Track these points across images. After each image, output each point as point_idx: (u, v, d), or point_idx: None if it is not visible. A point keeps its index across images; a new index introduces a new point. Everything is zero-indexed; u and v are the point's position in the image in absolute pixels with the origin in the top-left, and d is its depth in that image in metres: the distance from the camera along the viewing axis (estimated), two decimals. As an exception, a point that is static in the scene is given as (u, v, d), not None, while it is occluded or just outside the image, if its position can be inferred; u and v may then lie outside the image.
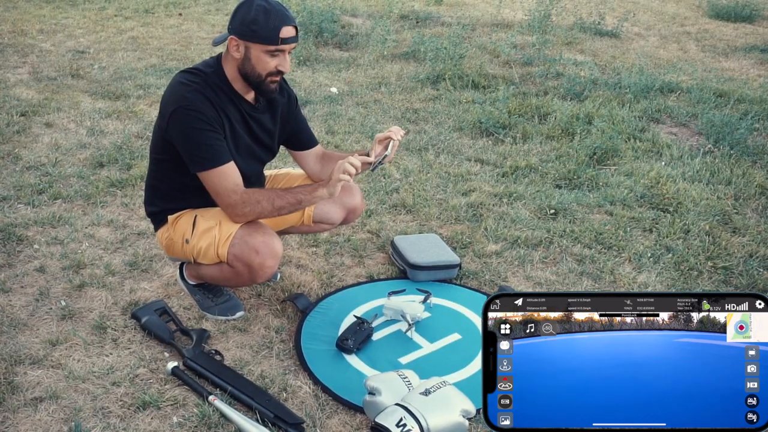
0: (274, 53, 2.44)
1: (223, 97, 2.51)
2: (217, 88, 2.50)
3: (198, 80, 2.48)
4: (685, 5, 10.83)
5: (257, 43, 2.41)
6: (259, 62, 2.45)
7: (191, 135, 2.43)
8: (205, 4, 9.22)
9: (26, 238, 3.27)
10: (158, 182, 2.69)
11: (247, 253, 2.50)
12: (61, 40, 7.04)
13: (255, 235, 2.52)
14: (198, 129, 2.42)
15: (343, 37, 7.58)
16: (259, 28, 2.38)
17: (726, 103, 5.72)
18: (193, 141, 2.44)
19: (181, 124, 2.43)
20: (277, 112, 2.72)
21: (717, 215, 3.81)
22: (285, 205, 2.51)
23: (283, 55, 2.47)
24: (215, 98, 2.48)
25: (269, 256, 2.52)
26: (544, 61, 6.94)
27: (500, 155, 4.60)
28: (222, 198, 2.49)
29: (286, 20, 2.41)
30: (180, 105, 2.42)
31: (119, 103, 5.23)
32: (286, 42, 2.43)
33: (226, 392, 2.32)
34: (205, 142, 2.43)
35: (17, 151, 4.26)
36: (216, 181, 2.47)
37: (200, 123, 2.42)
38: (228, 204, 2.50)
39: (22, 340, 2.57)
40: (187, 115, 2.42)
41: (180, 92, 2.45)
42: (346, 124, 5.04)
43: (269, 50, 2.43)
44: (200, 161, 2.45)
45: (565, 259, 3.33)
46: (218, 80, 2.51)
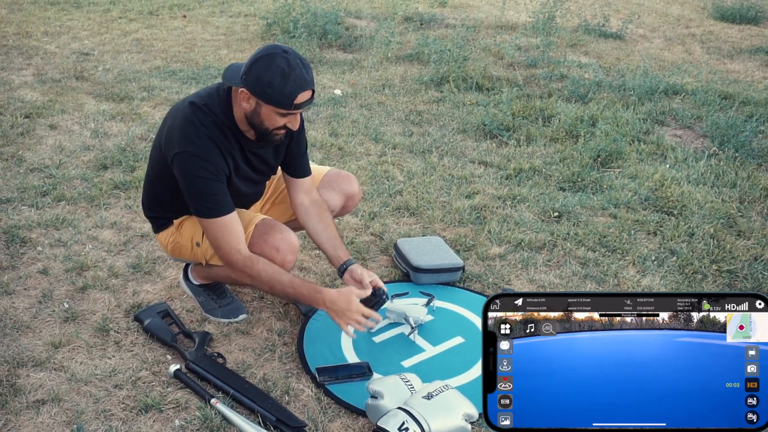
0: (285, 115, 2.39)
1: (231, 138, 2.47)
2: (226, 129, 2.45)
3: (208, 122, 2.42)
4: (690, 7, 10.81)
5: (269, 104, 2.34)
6: (268, 119, 2.39)
7: (195, 182, 2.40)
8: (209, 6, 9.24)
9: (30, 240, 3.27)
10: (159, 194, 2.67)
11: (267, 251, 2.49)
12: (65, 42, 7.05)
13: (273, 233, 2.51)
14: (202, 178, 2.39)
15: (347, 39, 7.58)
16: (273, 92, 2.30)
17: (731, 106, 5.70)
18: (196, 188, 2.41)
19: (187, 168, 2.39)
20: (281, 144, 2.65)
21: (722, 218, 3.79)
22: (280, 293, 2.54)
23: (293, 116, 2.42)
24: (224, 142, 2.44)
25: (289, 252, 2.52)
26: (549, 63, 6.93)
27: (504, 157, 4.59)
28: (223, 254, 2.46)
29: (303, 86, 2.33)
30: (187, 149, 2.38)
31: (123, 105, 5.24)
32: (299, 107, 2.36)
33: (228, 395, 2.32)
34: (209, 191, 2.41)
35: (21, 153, 4.26)
36: (218, 233, 2.44)
37: (206, 172, 2.39)
38: (228, 261, 2.47)
39: (24, 342, 2.57)
40: (194, 162, 2.38)
41: (190, 135, 2.40)
42: (350, 126, 5.04)
43: (280, 112, 2.37)
44: (202, 209, 2.43)
45: (569, 262, 3.32)
46: (226, 120, 2.45)
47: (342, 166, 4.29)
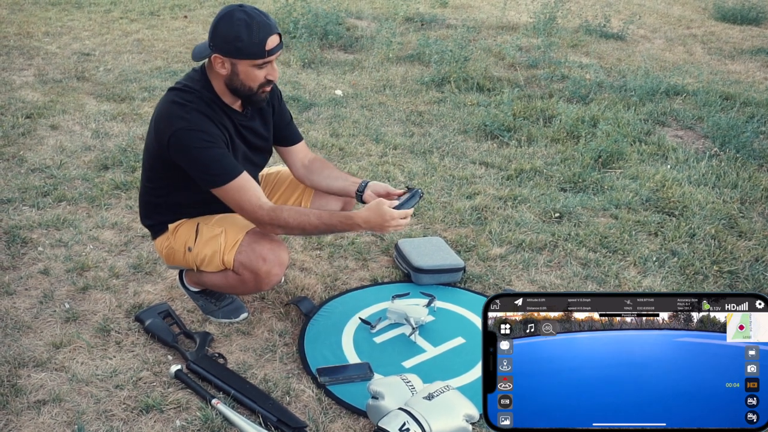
0: (262, 66, 2.40)
1: (218, 111, 2.47)
2: (212, 104, 2.46)
3: (192, 98, 2.43)
4: (691, 8, 10.81)
5: (244, 59, 2.36)
6: (248, 76, 2.40)
7: (197, 155, 2.39)
8: (210, 7, 9.24)
9: (30, 241, 3.27)
10: (155, 198, 2.65)
11: (254, 260, 2.48)
12: (66, 43, 7.06)
13: (262, 243, 2.50)
14: (203, 148, 2.38)
15: (347, 39, 7.59)
16: (243, 45, 2.32)
17: (732, 106, 5.70)
18: (200, 160, 2.40)
19: (185, 145, 2.38)
20: (267, 115, 2.68)
21: (723, 219, 3.79)
22: (314, 233, 2.55)
23: (270, 65, 2.43)
24: (213, 114, 2.44)
25: (276, 264, 2.50)
26: (550, 63, 6.93)
27: (505, 158, 4.59)
28: (247, 214, 2.46)
29: (269, 30, 2.35)
30: (180, 126, 2.37)
31: (124, 106, 5.24)
32: (272, 53, 2.38)
33: (229, 396, 2.32)
34: (213, 158, 2.39)
35: (22, 153, 4.27)
36: (236, 196, 2.43)
37: (203, 142, 2.38)
38: (254, 219, 2.48)
39: (25, 342, 2.57)
40: (189, 136, 2.37)
41: (177, 113, 2.40)
42: (351, 126, 5.04)
43: (257, 64, 2.38)
44: (213, 179, 2.42)
45: (570, 263, 3.32)
46: (210, 95, 2.46)
47: (343, 166, 4.29)
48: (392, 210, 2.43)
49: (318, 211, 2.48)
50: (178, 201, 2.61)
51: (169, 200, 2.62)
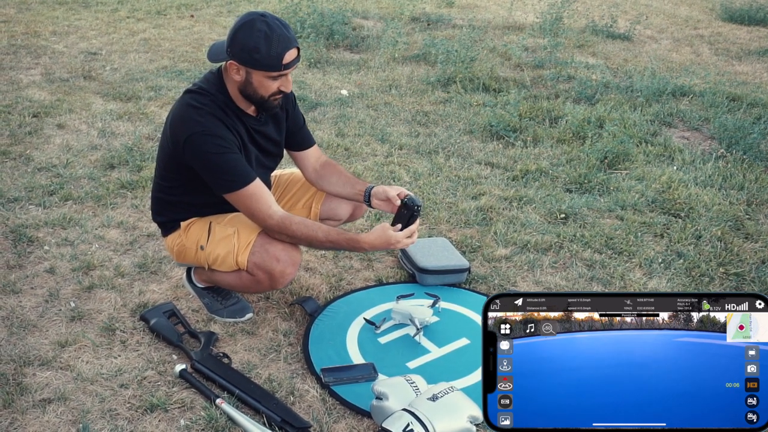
0: (277, 78, 2.42)
1: (232, 115, 2.49)
2: (226, 108, 2.47)
3: (207, 101, 2.44)
4: (698, 8, 10.78)
5: (259, 70, 2.37)
6: (261, 86, 2.42)
7: (212, 160, 2.40)
8: (216, 6, 9.26)
9: (37, 239, 3.28)
10: (168, 196, 2.67)
11: (268, 260, 2.50)
12: (73, 42, 7.08)
13: (275, 243, 2.52)
14: (217, 153, 2.39)
15: (353, 39, 7.59)
16: (261, 56, 2.33)
17: (739, 108, 5.68)
18: (214, 166, 2.41)
19: (200, 150, 2.40)
20: (280, 119, 2.69)
21: (729, 221, 3.78)
22: (320, 248, 2.62)
23: (285, 77, 2.44)
24: (226, 119, 2.46)
25: (290, 264, 2.52)
26: (556, 64, 6.92)
27: (511, 159, 4.59)
28: (258, 220, 2.49)
29: (288, 45, 2.36)
30: (195, 131, 2.39)
31: (130, 105, 5.25)
32: (288, 66, 2.39)
33: (233, 395, 2.32)
34: (227, 164, 2.41)
35: (29, 152, 4.28)
36: (247, 202, 2.45)
37: (218, 147, 2.39)
38: (264, 227, 2.51)
39: (31, 341, 2.58)
40: (204, 141, 2.39)
41: (193, 117, 2.41)
42: (356, 126, 5.04)
43: (272, 76, 2.39)
44: (226, 184, 2.44)
45: (575, 264, 3.31)
46: (224, 98, 2.47)
47: (348, 166, 4.29)
48: (397, 234, 2.49)
49: (327, 228, 2.50)
50: (191, 201, 2.63)
51: (183, 199, 2.63)
